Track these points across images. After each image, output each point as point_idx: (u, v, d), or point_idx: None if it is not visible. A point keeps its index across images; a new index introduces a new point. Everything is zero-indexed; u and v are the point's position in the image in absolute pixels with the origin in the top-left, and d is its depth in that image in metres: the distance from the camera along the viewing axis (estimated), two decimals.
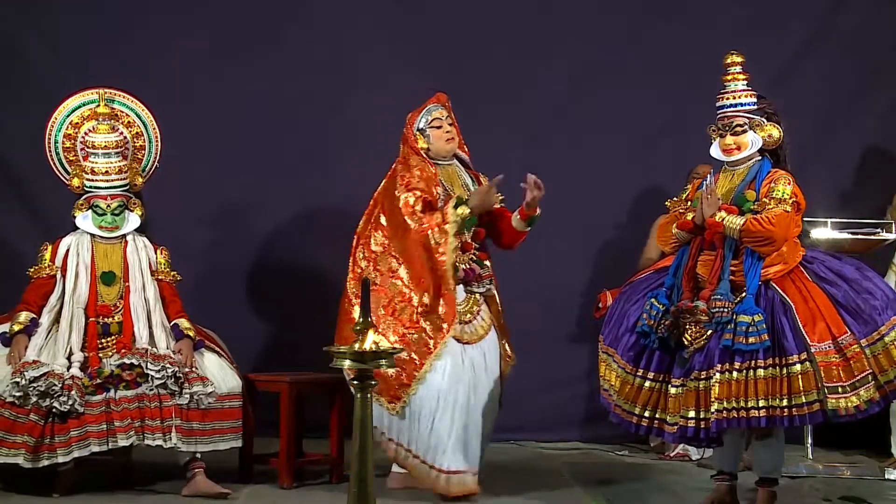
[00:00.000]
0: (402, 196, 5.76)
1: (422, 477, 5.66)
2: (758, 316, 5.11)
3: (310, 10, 7.82)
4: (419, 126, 5.89)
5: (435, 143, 5.87)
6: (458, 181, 5.92)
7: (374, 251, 5.83)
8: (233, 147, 7.69)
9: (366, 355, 3.80)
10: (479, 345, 5.78)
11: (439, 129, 5.86)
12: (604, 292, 6.72)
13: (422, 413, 5.60)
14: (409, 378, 5.59)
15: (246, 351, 6.94)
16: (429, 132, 5.86)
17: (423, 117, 5.90)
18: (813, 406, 5.04)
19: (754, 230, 5.22)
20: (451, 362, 5.62)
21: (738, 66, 5.46)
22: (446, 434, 5.59)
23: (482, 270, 5.80)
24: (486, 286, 5.83)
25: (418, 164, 5.82)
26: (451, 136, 5.87)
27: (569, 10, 7.87)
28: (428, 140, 5.87)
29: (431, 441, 5.60)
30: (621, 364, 5.41)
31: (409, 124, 5.90)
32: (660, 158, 7.64)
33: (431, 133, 5.86)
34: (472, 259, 5.79)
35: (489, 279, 5.84)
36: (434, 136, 5.86)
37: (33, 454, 5.54)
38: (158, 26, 7.69)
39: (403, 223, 5.74)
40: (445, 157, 5.90)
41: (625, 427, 5.46)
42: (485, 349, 5.80)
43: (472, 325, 5.78)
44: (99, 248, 6.02)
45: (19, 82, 7.57)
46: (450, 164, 5.93)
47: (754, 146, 5.40)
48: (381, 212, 5.87)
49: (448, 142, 5.87)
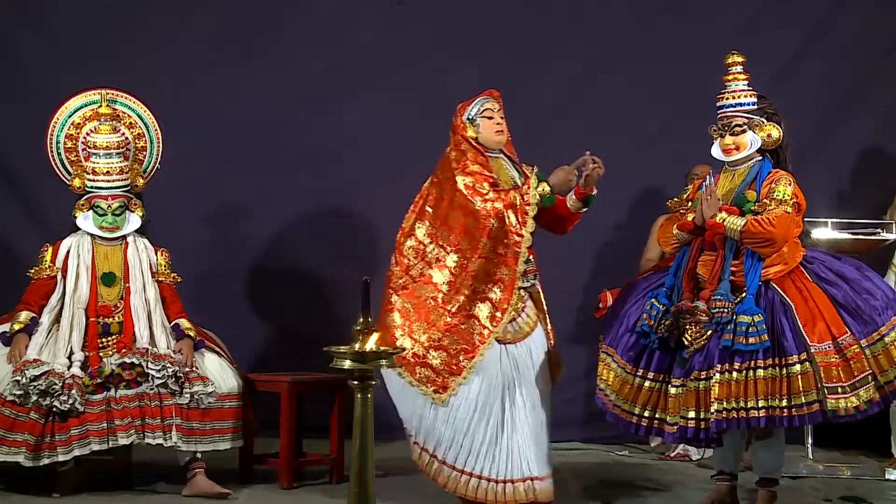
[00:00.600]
0: (462, 179, 5.54)
1: (450, 484, 5.42)
2: (758, 316, 5.11)
3: (310, 10, 7.83)
4: (469, 115, 5.69)
5: (484, 133, 5.66)
6: (506, 175, 5.73)
7: (421, 241, 5.61)
8: (233, 148, 7.69)
9: (366, 355, 3.80)
10: (524, 343, 5.56)
11: (490, 120, 5.67)
12: (604, 292, 6.71)
13: (457, 416, 5.39)
14: (458, 368, 5.38)
15: (246, 351, 6.95)
16: (479, 121, 5.66)
17: (474, 107, 5.70)
18: (812, 406, 5.04)
19: (755, 231, 5.22)
20: (490, 364, 5.42)
21: (739, 65, 5.46)
22: (482, 438, 5.39)
23: (527, 266, 5.59)
24: (531, 281, 5.63)
25: (469, 149, 5.64)
26: (501, 128, 5.68)
27: (569, 10, 7.88)
28: (477, 129, 5.66)
29: (465, 445, 5.40)
30: (621, 364, 5.42)
31: (458, 113, 5.71)
32: (660, 158, 7.64)
33: (482, 122, 5.66)
34: None
35: (534, 274, 5.64)
36: (484, 126, 5.66)
37: (34, 453, 5.55)
38: (158, 27, 7.69)
39: (463, 206, 5.51)
40: (493, 148, 5.70)
41: (624, 427, 5.46)
42: (531, 346, 5.58)
43: (517, 322, 5.57)
44: (99, 249, 6.02)
45: (19, 82, 7.57)
46: (497, 157, 5.73)
47: (753, 146, 5.40)
48: (428, 203, 5.66)
49: (497, 133, 5.67)
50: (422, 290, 5.49)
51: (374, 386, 3.85)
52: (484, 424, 5.39)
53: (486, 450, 5.38)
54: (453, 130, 5.71)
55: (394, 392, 5.48)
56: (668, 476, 6.45)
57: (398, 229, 5.81)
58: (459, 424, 5.37)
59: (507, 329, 5.51)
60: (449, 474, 5.40)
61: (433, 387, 5.40)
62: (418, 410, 5.43)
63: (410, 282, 5.52)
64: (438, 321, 5.42)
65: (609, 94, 7.77)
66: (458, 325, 5.41)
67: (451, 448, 5.39)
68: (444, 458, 5.40)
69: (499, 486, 5.38)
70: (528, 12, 7.87)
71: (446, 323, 5.42)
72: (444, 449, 5.40)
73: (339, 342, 3.92)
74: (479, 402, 5.39)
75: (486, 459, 5.39)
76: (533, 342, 5.59)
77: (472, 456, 5.39)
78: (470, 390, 5.39)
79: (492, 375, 5.41)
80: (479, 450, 5.39)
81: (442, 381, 5.40)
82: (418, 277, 5.52)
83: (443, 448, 5.40)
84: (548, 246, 7.29)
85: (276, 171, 7.71)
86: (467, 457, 5.39)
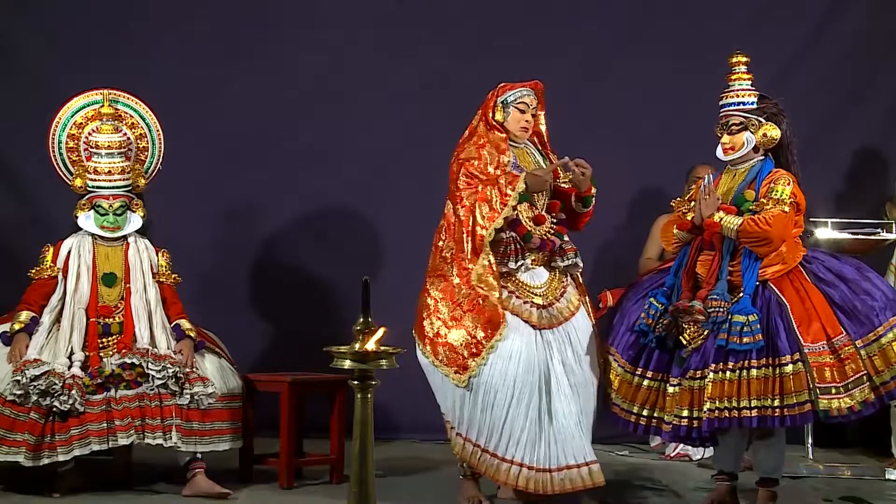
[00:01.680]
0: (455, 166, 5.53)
1: (493, 473, 5.35)
2: (752, 316, 5.11)
3: (310, 10, 7.83)
4: (506, 99, 5.61)
5: (511, 123, 5.59)
6: (529, 161, 5.66)
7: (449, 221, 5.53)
8: (233, 148, 7.69)
9: (366, 355, 3.80)
10: (562, 328, 5.47)
11: (521, 114, 5.59)
12: (604, 292, 6.71)
13: (496, 403, 5.30)
14: (478, 348, 5.30)
15: (246, 351, 6.95)
16: (511, 109, 5.59)
17: (514, 94, 5.61)
18: (804, 407, 5.04)
19: (751, 231, 5.22)
20: (525, 349, 5.33)
21: (743, 65, 5.46)
22: (521, 424, 5.29)
23: (564, 243, 5.53)
24: (572, 259, 5.54)
25: (481, 129, 5.58)
26: (527, 125, 5.61)
27: (568, 10, 7.88)
28: (506, 116, 5.58)
29: (504, 432, 5.30)
30: (621, 363, 5.43)
31: (497, 92, 5.63)
32: (660, 158, 7.64)
33: (513, 111, 5.59)
34: (550, 231, 5.52)
35: (574, 252, 5.55)
36: (513, 116, 5.59)
37: (34, 453, 5.55)
38: (158, 27, 7.69)
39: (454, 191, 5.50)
40: (515, 139, 5.64)
41: (623, 426, 5.46)
42: (569, 331, 5.48)
43: (555, 307, 5.47)
44: (100, 249, 6.02)
45: (21, 82, 7.57)
46: (522, 146, 5.67)
47: (749, 145, 5.40)
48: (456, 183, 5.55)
49: (522, 129, 5.59)
50: (450, 271, 5.44)
51: (374, 386, 3.85)
52: (523, 411, 5.30)
53: (527, 437, 5.30)
54: (483, 105, 5.64)
55: (433, 384, 5.44)
56: (668, 476, 6.44)
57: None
58: (498, 412, 5.29)
59: (542, 314, 5.44)
60: (492, 462, 5.33)
61: (454, 367, 5.34)
62: (457, 400, 5.36)
63: (443, 263, 5.47)
64: (463, 301, 5.36)
65: (609, 94, 7.77)
66: (479, 303, 5.33)
67: (492, 436, 5.32)
68: (487, 447, 5.33)
69: (541, 474, 5.29)
70: (528, 12, 7.87)
71: (469, 301, 5.34)
72: (486, 437, 5.33)
73: (339, 342, 3.92)
74: (517, 389, 5.29)
75: (527, 447, 5.30)
76: (572, 326, 5.50)
77: (512, 444, 5.30)
78: (507, 375, 5.30)
79: (528, 361, 5.32)
80: (519, 437, 5.30)
81: (462, 362, 5.33)
82: (450, 259, 5.46)
83: (484, 436, 5.33)
84: None
85: (276, 171, 7.71)
86: (507, 444, 5.31)
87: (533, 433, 5.31)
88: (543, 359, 5.38)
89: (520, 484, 5.29)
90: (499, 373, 5.29)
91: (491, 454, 5.33)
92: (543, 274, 5.51)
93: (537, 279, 5.49)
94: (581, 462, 5.34)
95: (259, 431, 6.21)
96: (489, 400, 5.30)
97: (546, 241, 5.47)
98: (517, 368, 5.30)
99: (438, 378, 5.39)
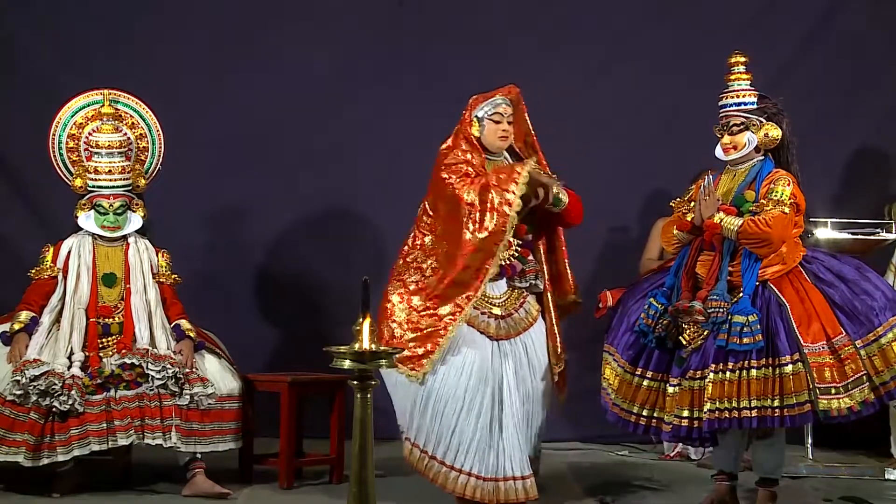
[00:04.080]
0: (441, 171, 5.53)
1: (441, 481, 5.39)
2: (752, 316, 5.11)
3: (310, 10, 7.83)
4: (478, 113, 5.62)
5: (487, 136, 5.60)
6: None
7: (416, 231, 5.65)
8: (233, 149, 7.69)
9: (366, 355, 3.80)
10: (519, 339, 5.53)
11: (497, 125, 5.60)
12: (604, 292, 6.71)
13: (445, 412, 5.35)
14: (433, 345, 5.34)
15: (246, 352, 6.95)
16: (485, 123, 5.60)
17: (485, 106, 5.62)
18: (804, 407, 5.04)
19: (751, 231, 5.22)
20: (478, 359, 5.40)
21: (742, 65, 5.46)
22: (470, 434, 5.34)
23: (525, 266, 5.57)
24: (531, 280, 5.60)
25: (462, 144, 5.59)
26: (506, 134, 5.61)
27: (568, 11, 7.87)
28: (482, 130, 5.60)
29: (453, 441, 5.36)
30: (621, 363, 5.42)
31: (470, 106, 5.64)
32: (660, 160, 7.65)
33: (487, 125, 5.59)
34: (513, 256, 5.56)
35: (534, 274, 5.61)
36: (489, 129, 5.60)
37: (33, 453, 5.55)
38: (159, 27, 7.69)
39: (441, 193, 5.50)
40: (495, 152, 5.66)
41: (623, 427, 5.46)
42: (527, 343, 5.55)
43: (512, 318, 5.55)
44: (100, 249, 6.02)
45: (21, 82, 7.57)
46: (497, 159, 5.68)
47: (750, 145, 5.40)
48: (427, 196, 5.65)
49: (501, 139, 5.61)
50: (411, 276, 5.50)
51: (374, 386, 3.85)
52: (473, 420, 5.35)
53: (476, 447, 5.35)
54: (459, 121, 5.65)
55: (388, 384, 5.47)
56: (668, 476, 6.45)
57: (398, 229, 5.82)
58: (447, 420, 5.34)
59: (500, 325, 5.50)
60: (440, 470, 5.37)
61: (410, 364, 5.37)
62: (409, 405, 5.41)
63: (405, 268, 5.54)
64: (420, 305, 5.42)
65: (609, 95, 7.77)
66: (434, 309, 5.39)
67: (440, 444, 5.36)
68: (435, 454, 5.37)
69: (488, 484, 5.34)
70: (528, 12, 7.87)
71: (426, 306, 5.41)
72: (434, 445, 5.37)
73: (339, 342, 3.92)
74: (467, 399, 5.36)
75: (476, 457, 5.35)
76: (530, 339, 5.56)
77: (461, 452, 5.35)
78: (458, 387, 5.36)
79: (481, 373, 5.39)
80: (468, 447, 5.35)
81: (417, 360, 5.36)
82: (411, 264, 5.53)
83: (432, 444, 5.37)
84: None
85: (276, 171, 7.70)
86: (457, 453, 5.35)
87: (483, 443, 5.37)
88: (498, 369, 5.45)
89: (467, 493, 5.34)
90: (451, 384, 5.36)
91: (439, 462, 5.38)
92: (503, 285, 5.58)
93: (497, 290, 5.56)
94: (520, 475, 5.41)
95: (259, 431, 6.21)
96: (439, 409, 5.35)
97: (505, 267, 5.53)
98: (468, 381, 5.36)
99: (393, 379, 5.43)
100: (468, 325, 5.43)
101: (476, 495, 5.34)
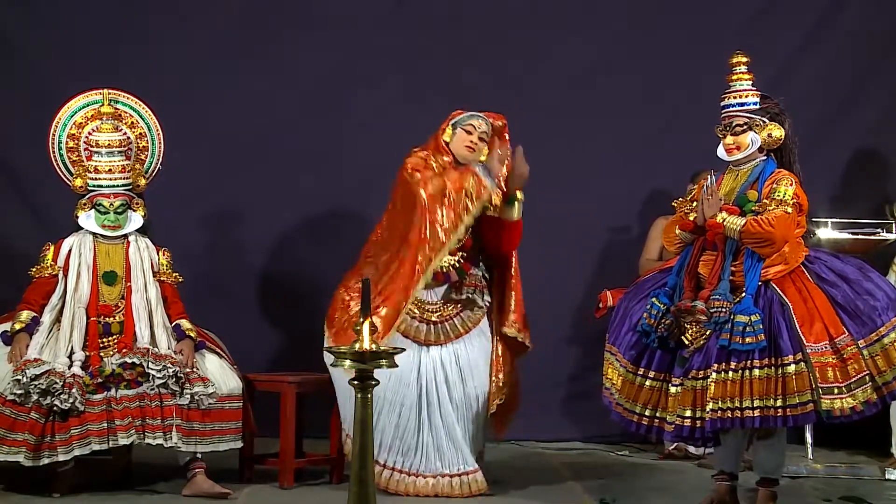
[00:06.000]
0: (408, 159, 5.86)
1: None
2: (755, 316, 5.11)
3: (310, 10, 7.82)
4: (454, 121, 5.89)
5: (455, 143, 5.86)
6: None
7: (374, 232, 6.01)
8: (233, 148, 7.68)
9: (366, 355, 3.80)
10: (452, 345, 5.80)
11: (467, 135, 5.85)
12: (604, 292, 6.72)
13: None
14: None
15: (247, 352, 6.94)
16: (458, 131, 5.86)
17: (463, 116, 5.90)
18: (807, 407, 5.04)
19: (754, 231, 5.22)
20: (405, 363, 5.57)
21: (744, 65, 5.45)
22: (392, 432, 5.70)
23: (463, 279, 5.80)
24: (467, 294, 5.82)
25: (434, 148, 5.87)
26: (472, 146, 5.84)
27: (568, 10, 7.87)
28: (452, 136, 5.86)
29: (375, 438, 5.60)
30: (623, 363, 5.42)
31: (450, 116, 5.93)
32: (659, 160, 7.65)
33: (459, 133, 5.86)
34: (453, 266, 5.80)
35: (472, 288, 5.82)
36: (458, 137, 5.86)
37: (34, 452, 5.54)
38: (159, 27, 7.68)
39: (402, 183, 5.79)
40: (463, 161, 5.87)
41: (625, 426, 5.46)
42: (459, 350, 5.81)
43: (447, 324, 5.80)
44: (101, 248, 6.02)
45: (21, 82, 7.57)
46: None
47: (754, 146, 5.40)
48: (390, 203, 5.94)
49: (467, 149, 5.85)
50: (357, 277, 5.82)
51: (374, 386, 3.85)
52: (394, 420, 5.69)
53: (398, 445, 5.71)
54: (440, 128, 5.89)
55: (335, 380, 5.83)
56: (668, 476, 6.45)
57: None
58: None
59: (430, 330, 5.77)
60: None
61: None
62: (344, 400, 5.76)
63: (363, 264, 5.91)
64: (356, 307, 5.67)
65: (609, 95, 7.77)
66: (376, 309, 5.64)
67: None
68: None
69: (410, 478, 5.73)
70: (528, 12, 7.86)
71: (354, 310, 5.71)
72: None
73: None
74: (387, 399, 5.67)
75: (397, 453, 5.72)
76: (464, 345, 5.81)
77: (383, 449, 5.71)
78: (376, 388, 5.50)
79: (405, 375, 5.65)
80: (389, 444, 5.72)
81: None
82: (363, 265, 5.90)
83: None
84: (549, 246, 7.33)
85: (276, 171, 7.69)
86: (379, 449, 5.67)
87: (407, 442, 5.72)
88: (425, 373, 5.74)
89: (390, 487, 5.74)
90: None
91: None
92: (441, 292, 5.82)
93: (434, 296, 5.82)
94: (454, 472, 5.73)
95: (259, 431, 6.20)
96: None
97: (438, 273, 5.75)
98: (387, 382, 5.57)
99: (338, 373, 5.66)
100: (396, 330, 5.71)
101: (391, 487, 5.72)
